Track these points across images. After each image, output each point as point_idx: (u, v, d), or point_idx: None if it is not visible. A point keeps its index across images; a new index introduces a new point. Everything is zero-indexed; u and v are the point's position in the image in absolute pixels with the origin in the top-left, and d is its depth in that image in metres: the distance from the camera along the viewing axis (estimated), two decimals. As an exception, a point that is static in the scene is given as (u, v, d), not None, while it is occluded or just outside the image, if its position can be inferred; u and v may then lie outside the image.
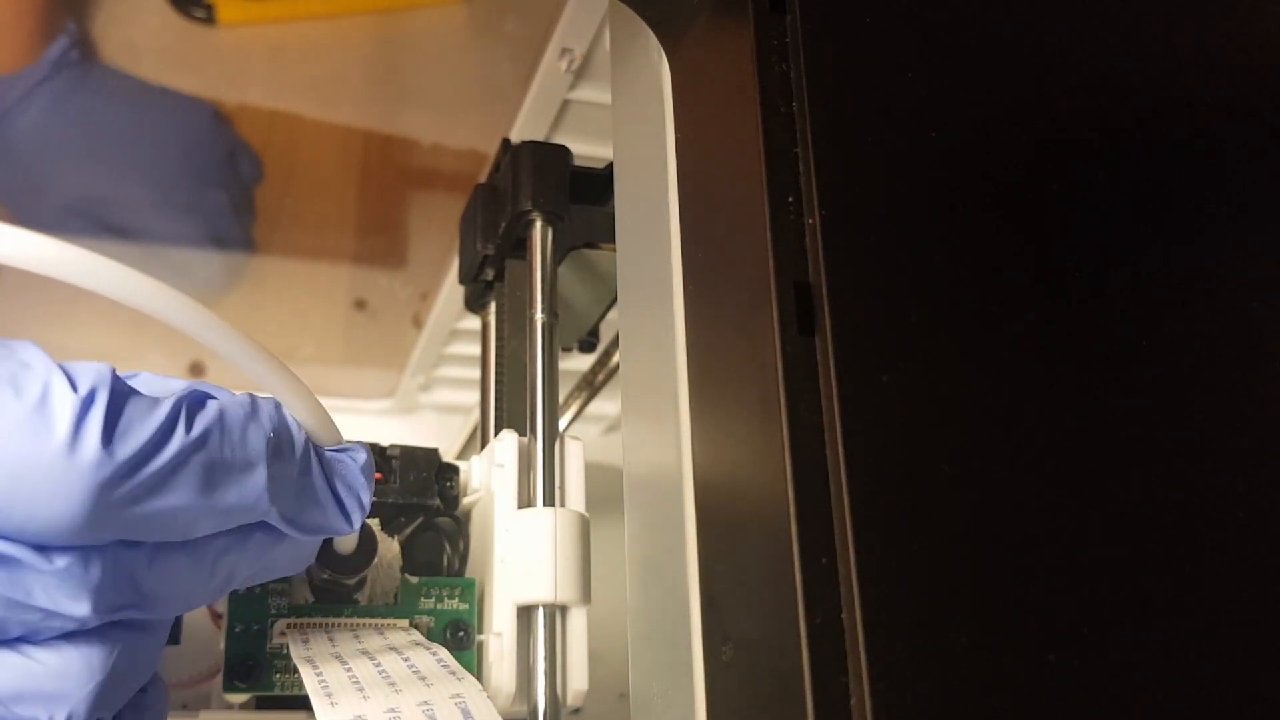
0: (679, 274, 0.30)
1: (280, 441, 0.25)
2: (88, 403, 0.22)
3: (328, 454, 0.27)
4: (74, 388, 0.22)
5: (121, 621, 0.24)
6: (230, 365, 0.24)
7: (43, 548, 0.22)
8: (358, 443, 0.29)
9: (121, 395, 0.23)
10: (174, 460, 0.23)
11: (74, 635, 0.23)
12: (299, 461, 0.26)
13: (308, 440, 0.27)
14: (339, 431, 0.28)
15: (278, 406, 0.26)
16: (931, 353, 0.24)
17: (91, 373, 0.22)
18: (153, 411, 0.23)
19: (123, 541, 0.24)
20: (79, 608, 0.23)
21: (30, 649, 0.23)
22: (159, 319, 0.23)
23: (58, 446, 0.21)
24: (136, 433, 0.22)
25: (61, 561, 0.22)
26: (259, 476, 0.24)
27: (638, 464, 0.31)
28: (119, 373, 0.24)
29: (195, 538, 0.25)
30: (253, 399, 0.25)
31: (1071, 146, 0.28)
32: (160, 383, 0.26)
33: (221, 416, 0.24)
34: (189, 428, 0.23)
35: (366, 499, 0.28)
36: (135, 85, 0.69)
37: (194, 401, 0.24)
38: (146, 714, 0.27)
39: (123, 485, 0.22)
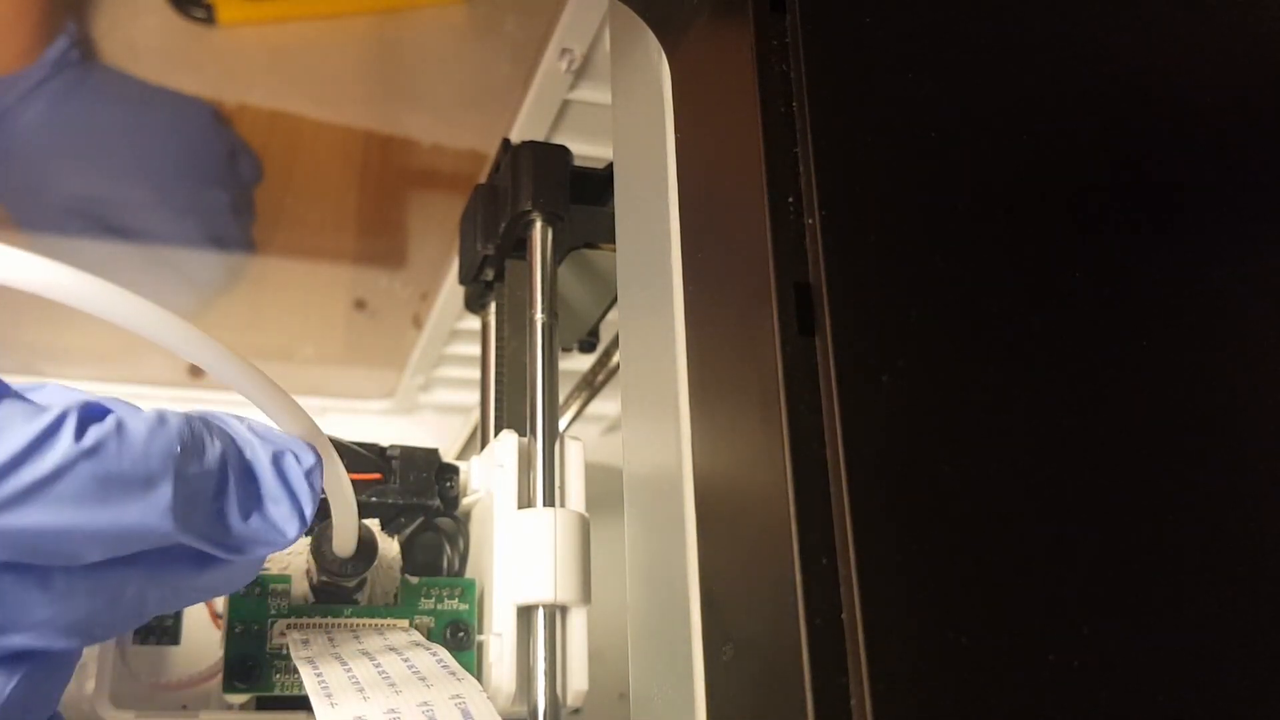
0: (679, 274, 0.30)
1: (193, 455, 0.23)
2: None
3: (268, 460, 0.25)
4: None
5: (17, 654, 0.22)
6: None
7: None
8: (308, 444, 0.26)
9: None
10: (56, 470, 0.21)
11: None
12: (217, 475, 0.24)
13: (236, 452, 0.24)
14: (314, 425, 0.26)
15: (201, 420, 0.24)
16: (931, 353, 0.24)
17: None
18: (32, 418, 0.21)
19: (9, 564, 0.22)
20: None
21: None
22: (111, 321, 0.21)
23: None
24: (9, 437, 0.21)
25: None
26: (162, 494, 0.22)
27: (638, 464, 0.31)
28: (24, 385, 0.22)
29: (92, 562, 0.23)
30: (162, 413, 0.23)
31: (1072, 146, 0.28)
32: (68, 395, 0.24)
33: (120, 428, 0.22)
34: (78, 437, 0.21)
35: (309, 508, 0.25)
36: (135, 85, 0.69)
37: (88, 412, 0.22)
38: None
39: None
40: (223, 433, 0.24)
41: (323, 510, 0.31)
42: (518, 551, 0.34)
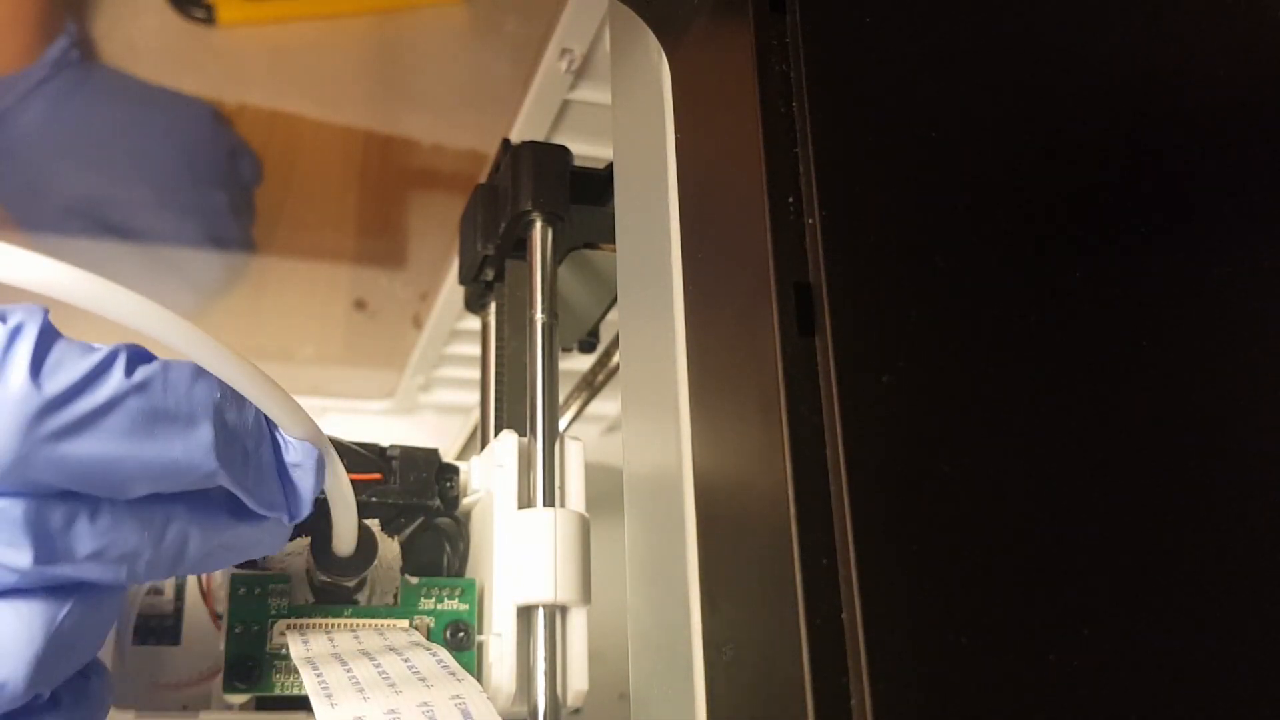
0: (679, 274, 0.30)
1: (229, 405, 0.24)
2: (14, 335, 0.22)
3: (281, 437, 0.26)
4: (1, 319, 0.22)
5: (66, 586, 0.23)
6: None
7: None
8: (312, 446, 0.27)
9: (52, 333, 0.22)
10: (109, 402, 0.22)
11: (13, 593, 0.23)
12: (251, 429, 0.25)
13: (261, 414, 0.26)
14: (314, 425, 0.27)
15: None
16: (931, 353, 0.24)
17: (20, 310, 0.22)
18: (87, 353, 0.22)
19: (63, 493, 0.23)
20: (18, 557, 0.22)
21: None
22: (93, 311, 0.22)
23: None
24: (68, 369, 0.22)
25: None
26: (204, 433, 0.24)
27: (638, 464, 0.31)
28: None
29: (140, 495, 0.24)
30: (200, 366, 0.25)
31: (1073, 145, 0.28)
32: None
33: (165, 369, 0.23)
34: (128, 373, 0.23)
35: (313, 490, 0.27)
36: (135, 85, 0.69)
37: (136, 352, 0.23)
38: (87, 703, 0.25)
39: (51, 420, 0.21)
40: (255, 410, 0.26)
41: (323, 510, 0.31)
42: (518, 551, 0.34)
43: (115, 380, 0.22)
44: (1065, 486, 0.24)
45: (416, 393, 0.81)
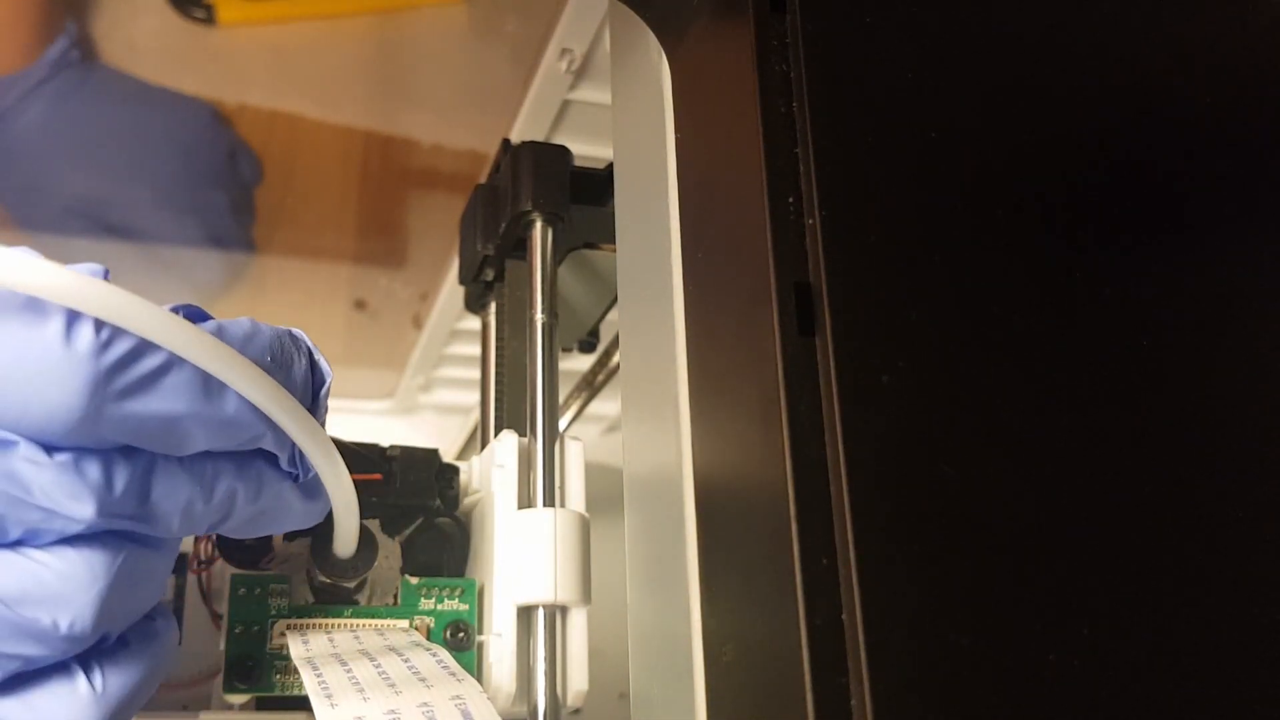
0: (679, 274, 0.30)
1: (280, 366, 0.26)
2: None
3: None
4: None
5: (125, 532, 0.24)
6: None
7: (42, 444, 0.22)
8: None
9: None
10: (168, 362, 0.23)
11: (76, 540, 0.24)
12: (300, 390, 0.27)
13: (319, 375, 0.28)
14: (314, 425, 0.28)
15: (290, 335, 0.27)
16: (931, 353, 0.24)
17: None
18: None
19: (123, 448, 0.24)
20: (81, 508, 0.23)
21: (33, 551, 0.23)
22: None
23: (53, 335, 0.22)
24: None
25: (61, 457, 0.22)
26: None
27: (638, 464, 0.31)
28: None
29: (194, 452, 0.25)
30: (255, 324, 0.26)
31: (1073, 146, 0.28)
32: None
33: (220, 329, 0.25)
34: None
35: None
36: (135, 85, 0.69)
37: (192, 313, 0.25)
38: (155, 643, 0.27)
39: (118, 378, 0.22)
40: (308, 352, 0.28)
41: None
42: (518, 551, 0.34)
43: None
44: (1065, 486, 0.24)
45: (416, 393, 0.81)
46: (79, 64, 0.66)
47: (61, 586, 0.23)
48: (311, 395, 0.28)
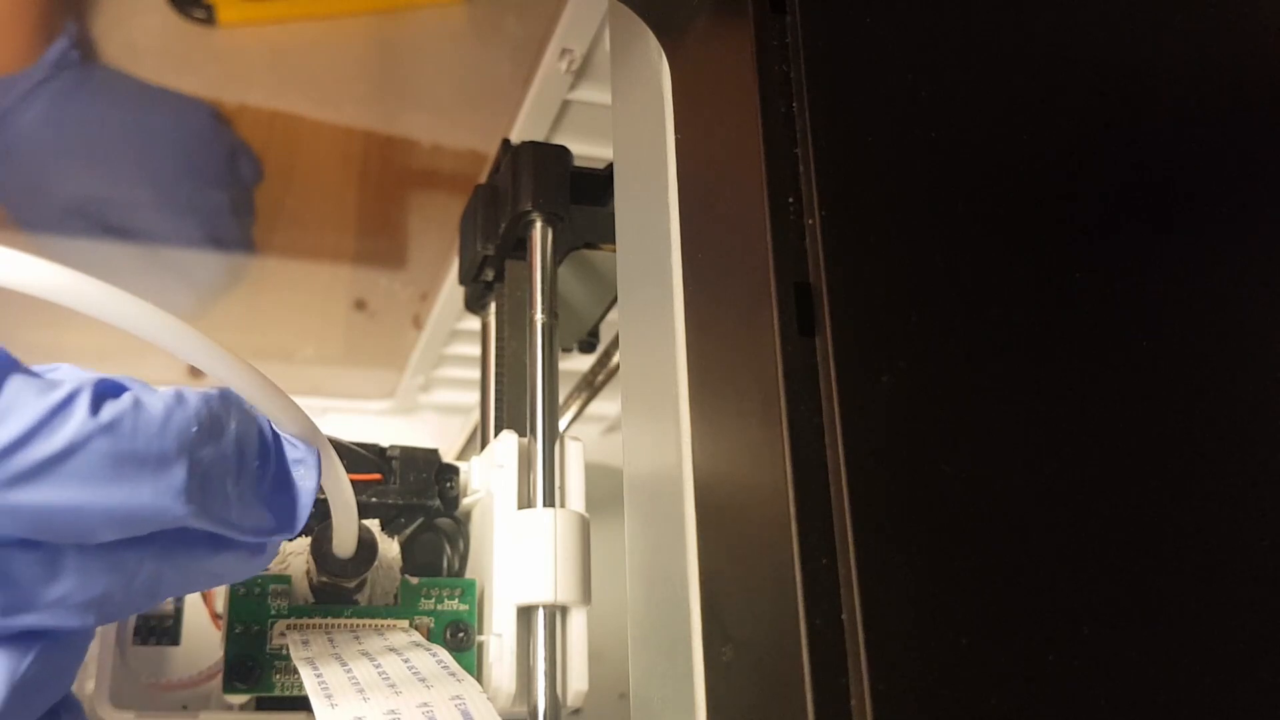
0: (679, 274, 0.30)
1: (209, 436, 0.23)
2: None
3: (275, 450, 0.25)
4: None
5: (30, 633, 0.22)
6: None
7: None
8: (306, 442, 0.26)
9: (8, 368, 0.21)
10: (70, 446, 0.21)
11: None
12: (233, 455, 0.24)
13: (255, 434, 0.24)
14: (313, 426, 0.26)
15: (221, 398, 0.24)
16: (931, 353, 0.24)
17: None
18: (45, 393, 0.21)
19: (24, 541, 0.21)
20: None
21: None
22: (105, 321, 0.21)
23: None
24: (21, 412, 0.20)
25: None
26: (176, 474, 0.22)
27: (638, 464, 0.31)
28: (39, 366, 0.22)
29: (105, 541, 0.22)
30: (180, 392, 0.23)
31: (1073, 146, 0.28)
32: (83, 374, 0.23)
33: (136, 405, 0.22)
34: (93, 412, 0.21)
35: (314, 491, 0.25)
36: (135, 86, 0.69)
37: (103, 388, 0.22)
38: None
39: (3, 468, 0.20)
40: (242, 413, 0.24)
41: (323, 511, 0.31)
42: (518, 552, 0.34)
43: (77, 421, 0.21)
44: (1065, 486, 0.24)
45: (416, 393, 0.81)
46: (79, 64, 0.66)
47: None
48: (255, 455, 0.25)
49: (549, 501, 0.35)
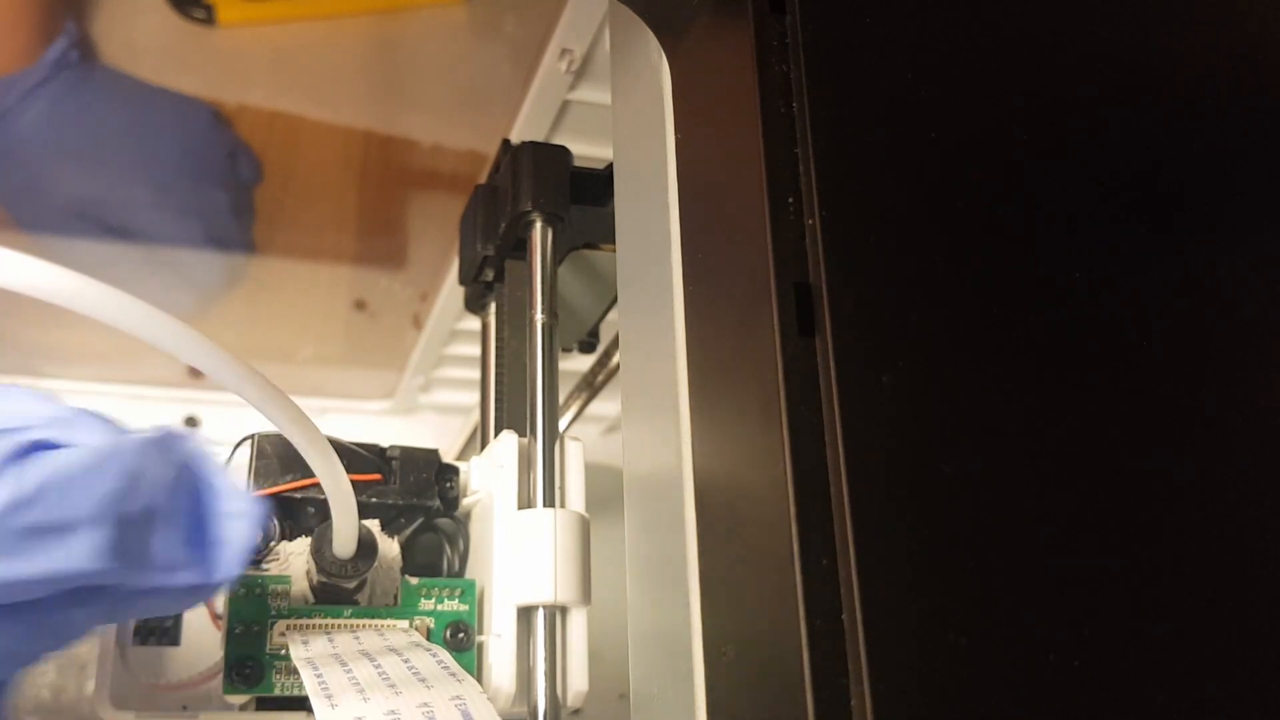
0: (679, 274, 0.30)
1: (137, 491, 0.22)
2: None
3: (211, 501, 0.24)
4: None
5: None
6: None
7: None
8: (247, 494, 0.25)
9: None
10: None
11: None
12: (164, 509, 0.23)
13: (188, 485, 0.24)
14: (313, 426, 0.26)
15: (160, 445, 0.23)
16: (931, 353, 0.24)
17: None
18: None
19: None
20: None
21: None
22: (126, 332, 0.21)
23: None
24: None
25: None
26: (96, 537, 0.21)
27: (638, 464, 0.31)
28: None
29: (18, 601, 0.21)
30: (115, 445, 0.22)
31: (1072, 146, 0.28)
32: (29, 403, 0.23)
33: (52, 475, 0.21)
34: (5, 485, 0.20)
35: (246, 543, 0.24)
36: (135, 86, 0.69)
37: (22, 453, 0.21)
38: None
39: None
40: (180, 464, 0.24)
41: (323, 511, 0.31)
42: (518, 552, 0.34)
43: None
44: (1065, 486, 0.24)
45: (416, 393, 0.81)
46: (79, 64, 0.66)
47: None
48: (186, 507, 0.24)
49: (549, 502, 0.35)
